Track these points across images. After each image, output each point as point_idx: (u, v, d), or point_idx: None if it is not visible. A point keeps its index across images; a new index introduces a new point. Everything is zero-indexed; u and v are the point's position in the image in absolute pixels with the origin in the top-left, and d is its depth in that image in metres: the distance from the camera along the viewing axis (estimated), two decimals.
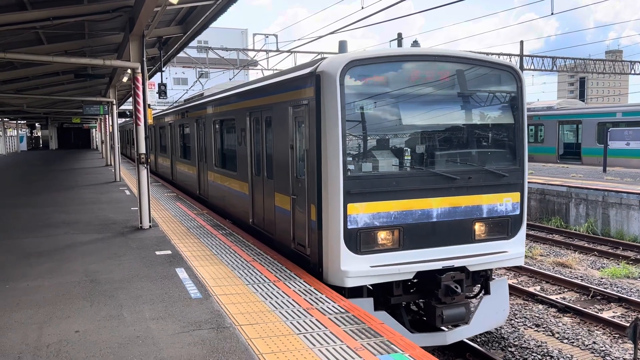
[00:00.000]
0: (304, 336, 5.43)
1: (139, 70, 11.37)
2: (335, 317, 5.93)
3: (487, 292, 8.18)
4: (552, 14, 21.35)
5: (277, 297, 6.64)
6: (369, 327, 5.66)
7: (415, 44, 7.71)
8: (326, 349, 5.11)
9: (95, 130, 61.73)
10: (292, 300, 6.53)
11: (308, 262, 7.83)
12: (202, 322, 5.84)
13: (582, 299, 11.06)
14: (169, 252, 9.16)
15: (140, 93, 11.30)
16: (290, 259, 8.45)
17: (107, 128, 31.14)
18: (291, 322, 5.80)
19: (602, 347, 8.78)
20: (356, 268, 7.03)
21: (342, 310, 6.16)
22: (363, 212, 7.06)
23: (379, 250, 7.20)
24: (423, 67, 7.51)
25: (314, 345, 5.21)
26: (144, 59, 11.51)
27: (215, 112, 13.13)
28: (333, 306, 6.30)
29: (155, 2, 9.62)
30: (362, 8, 17.02)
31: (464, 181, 7.55)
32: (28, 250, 9.44)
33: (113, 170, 23.03)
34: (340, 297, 6.64)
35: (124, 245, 9.78)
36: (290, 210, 8.39)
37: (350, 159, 7.17)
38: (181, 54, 20.53)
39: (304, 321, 5.83)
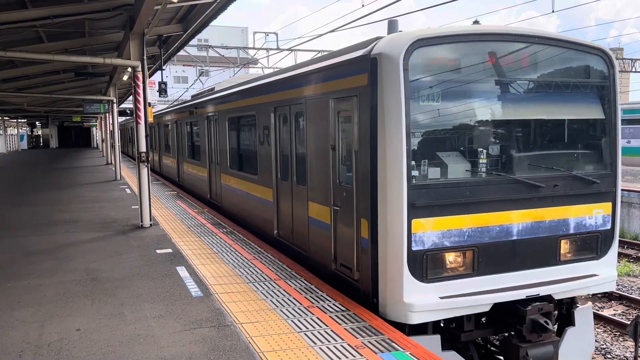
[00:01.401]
0: (305, 334, 5.43)
1: (140, 69, 11.37)
2: (336, 316, 5.93)
3: (571, 323, 6.82)
4: (552, 11, 21.27)
5: (278, 296, 6.65)
6: (370, 325, 5.66)
7: (476, 23, 6.61)
8: (327, 347, 5.11)
9: (96, 128, 61.77)
10: (293, 298, 6.53)
11: (357, 289, 6.55)
12: (203, 320, 5.85)
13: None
14: (170, 250, 9.16)
15: (141, 91, 11.31)
16: (329, 283, 7.20)
17: (108, 126, 31.13)
18: (292, 321, 5.80)
19: (602, 345, 8.79)
20: (422, 300, 5.73)
21: (343, 309, 6.15)
22: (430, 230, 5.79)
23: (449, 277, 5.92)
24: (501, 48, 6.13)
25: (315, 343, 5.21)
26: (145, 57, 11.53)
27: (231, 107, 12.00)
28: (334, 304, 6.30)
29: (156, 1, 9.62)
30: (363, 6, 17.03)
31: (549, 190, 6.27)
32: (29, 249, 9.46)
33: (113, 169, 23.07)
34: (340, 294, 6.64)
35: (125, 243, 9.79)
36: (330, 224, 7.17)
37: (414, 162, 5.78)
38: (181, 52, 20.52)
39: (305, 319, 5.84)
